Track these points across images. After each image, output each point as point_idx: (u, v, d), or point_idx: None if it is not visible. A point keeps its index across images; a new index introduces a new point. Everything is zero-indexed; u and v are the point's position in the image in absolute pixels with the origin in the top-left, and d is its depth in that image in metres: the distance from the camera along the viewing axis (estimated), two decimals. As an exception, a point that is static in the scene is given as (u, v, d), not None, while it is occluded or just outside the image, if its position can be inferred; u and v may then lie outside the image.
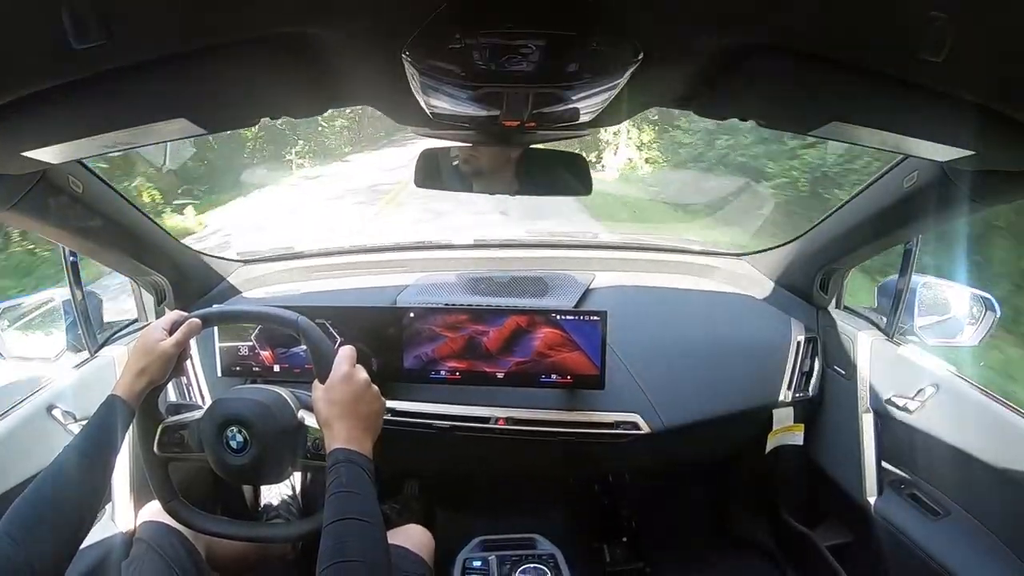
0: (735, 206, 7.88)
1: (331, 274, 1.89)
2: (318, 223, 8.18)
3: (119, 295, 1.76)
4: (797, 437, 1.68)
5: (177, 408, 1.22)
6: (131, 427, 1.09)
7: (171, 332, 1.12)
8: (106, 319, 1.59)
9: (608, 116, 0.97)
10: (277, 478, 1.18)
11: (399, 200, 9.48)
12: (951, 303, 1.52)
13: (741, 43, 0.72)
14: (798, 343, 1.65)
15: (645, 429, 1.50)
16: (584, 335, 1.45)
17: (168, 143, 1.09)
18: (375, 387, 1.07)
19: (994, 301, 1.47)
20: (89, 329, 1.47)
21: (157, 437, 1.16)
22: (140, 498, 1.42)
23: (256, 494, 1.88)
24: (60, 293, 1.46)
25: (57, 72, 0.64)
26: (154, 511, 1.27)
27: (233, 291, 1.80)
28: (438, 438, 1.53)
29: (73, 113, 0.76)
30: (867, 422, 1.51)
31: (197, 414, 1.17)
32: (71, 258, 1.38)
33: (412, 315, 1.48)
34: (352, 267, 1.91)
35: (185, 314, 1.15)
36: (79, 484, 0.95)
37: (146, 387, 1.07)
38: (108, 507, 1.41)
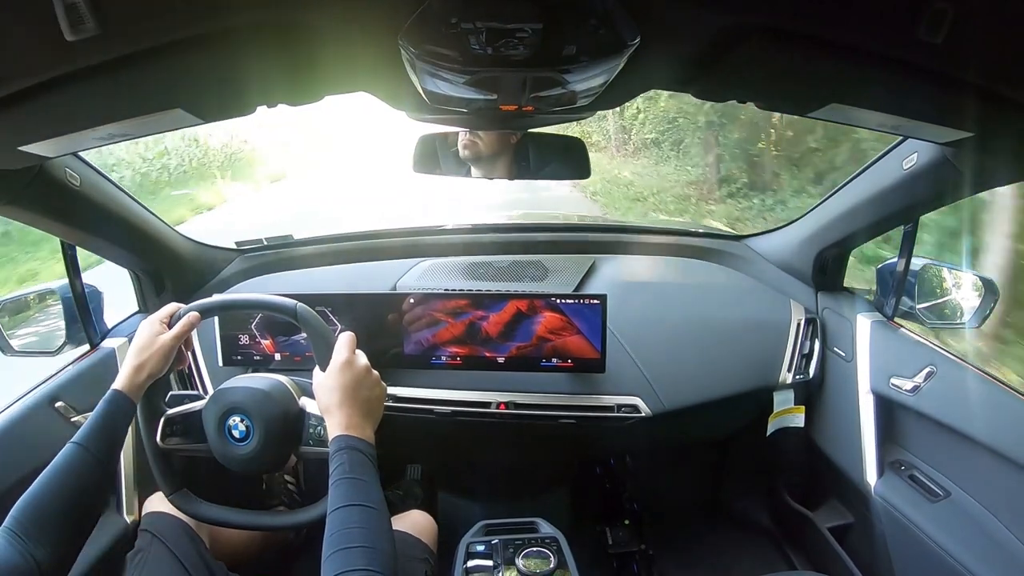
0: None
1: (329, 261, 1.89)
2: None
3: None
4: (798, 419, 1.69)
5: (179, 398, 1.23)
6: (134, 419, 1.10)
7: (169, 325, 1.13)
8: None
9: (606, 99, 0.96)
10: (279, 466, 1.19)
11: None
12: (951, 285, 1.52)
13: (740, 24, 0.71)
14: (798, 325, 1.65)
15: (646, 412, 1.50)
16: (584, 319, 1.45)
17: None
18: (375, 373, 1.07)
19: (995, 283, 1.47)
20: (89, 321, 1.47)
21: (160, 428, 1.16)
22: (144, 489, 1.43)
23: (259, 482, 1.89)
24: (60, 286, 1.45)
25: (52, 65, 0.64)
26: (158, 502, 1.28)
27: (232, 280, 1.80)
28: (439, 423, 1.54)
29: (69, 106, 0.75)
30: (867, 404, 1.51)
31: (199, 404, 1.17)
32: (70, 251, 1.38)
33: (412, 300, 1.47)
34: (350, 253, 1.90)
35: (183, 306, 1.16)
36: (83, 479, 0.96)
37: (146, 380, 1.09)
38: (112, 499, 1.41)
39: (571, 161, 1.32)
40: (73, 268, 1.40)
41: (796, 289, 1.75)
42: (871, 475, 1.49)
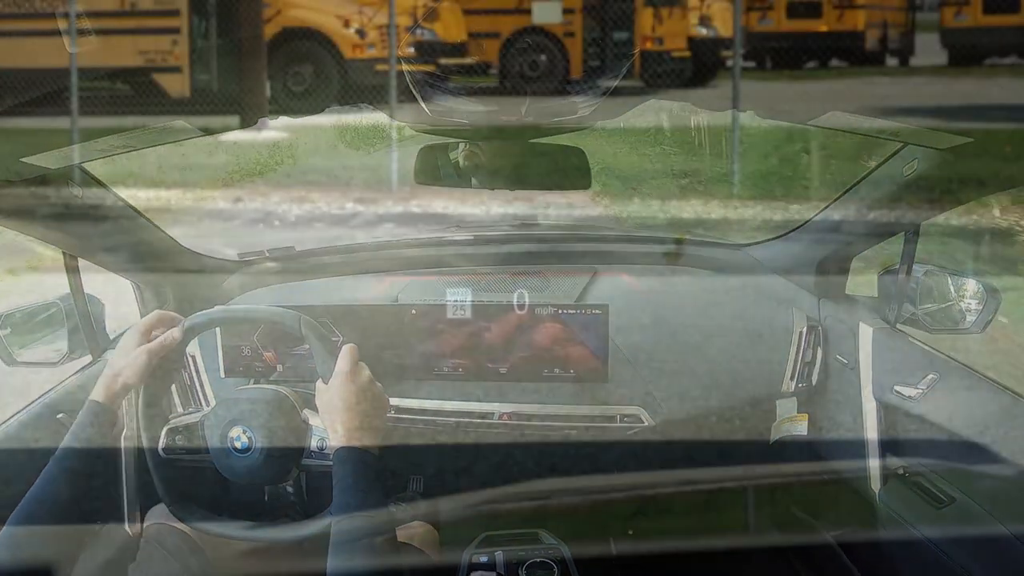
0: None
1: (331, 272, 1.89)
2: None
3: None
4: (801, 427, 1.68)
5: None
6: (137, 427, 1.10)
7: (151, 335, 1.09)
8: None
9: (607, 110, 0.97)
10: (282, 478, 1.19)
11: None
12: (953, 291, 1.52)
13: None
14: (800, 333, 1.64)
15: (648, 422, 1.50)
16: (586, 329, 1.45)
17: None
18: (379, 385, 1.07)
19: (997, 289, 1.46)
20: (91, 333, 1.47)
21: (162, 438, 1.16)
22: (145, 499, 1.42)
23: (261, 494, 1.88)
24: (62, 297, 1.46)
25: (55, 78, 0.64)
26: (160, 513, 1.28)
27: (234, 291, 1.80)
28: (441, 434, 1.53)
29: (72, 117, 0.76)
30: (871, 411, 1.51)
31: (201, 415, 1.17)
32: (72, 262, 1.38)
33: (414, 312, 1.47)
34: (352, 265, 1.90)
35: (173, 315, 1.14)
36: (69, 492, 0.96)
37: (121, 390, 1.06)
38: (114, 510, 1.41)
39: (572, 171, 1.33)
40: (75, 279, 1.41)
41: (798, 297, 1.74)
42: (875, 482, 1.48)
